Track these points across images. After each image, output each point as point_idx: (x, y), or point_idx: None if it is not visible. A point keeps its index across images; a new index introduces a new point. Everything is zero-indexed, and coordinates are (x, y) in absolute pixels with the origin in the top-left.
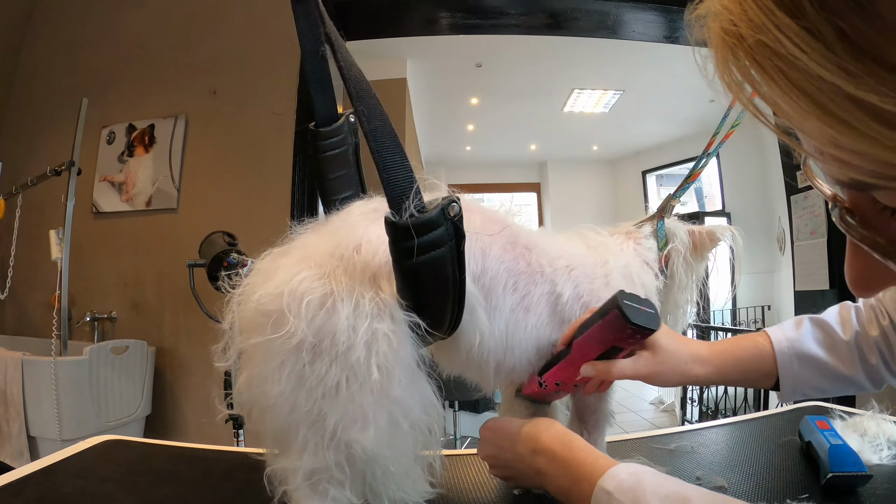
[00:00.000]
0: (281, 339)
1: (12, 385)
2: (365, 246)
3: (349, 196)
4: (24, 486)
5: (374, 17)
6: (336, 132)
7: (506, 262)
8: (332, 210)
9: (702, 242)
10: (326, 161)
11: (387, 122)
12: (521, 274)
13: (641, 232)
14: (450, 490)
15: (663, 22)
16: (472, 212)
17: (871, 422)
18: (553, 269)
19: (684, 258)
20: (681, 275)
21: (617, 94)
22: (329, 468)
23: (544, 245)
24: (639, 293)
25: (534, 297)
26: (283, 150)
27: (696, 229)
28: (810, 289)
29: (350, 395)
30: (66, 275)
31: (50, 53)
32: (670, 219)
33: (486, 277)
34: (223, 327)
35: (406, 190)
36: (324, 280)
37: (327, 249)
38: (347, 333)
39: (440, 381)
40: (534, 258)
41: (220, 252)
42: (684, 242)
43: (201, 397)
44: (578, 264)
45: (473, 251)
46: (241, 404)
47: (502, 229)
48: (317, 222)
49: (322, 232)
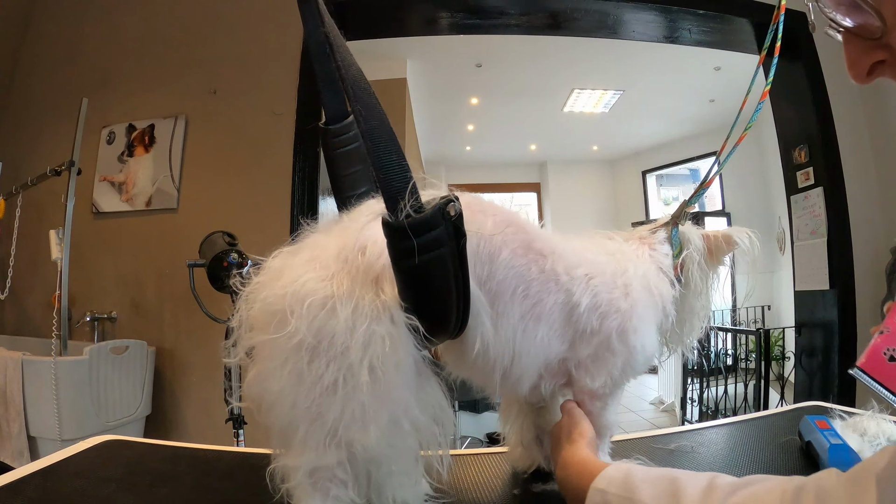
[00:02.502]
0: (283, 338)
1: (12, 385)
2: (370, 248)
3: (363, 192)
4: (24, 486)
5: (374, 17)
6: (346, 129)
7: (516, 267)
8: (347, 207)
9: (717, 247)
10: (338, 158)
11: (384, 121)
12: (533, 281)
13: (656, 238)
14: (450, 490)
15: (663, 22)
16: (486, 214)
17: (871, 422)
18: (570, 277)
19: (699, 264)
20: (696, 281)
21: (617, 94)
22: (331, 466)
23: (563, 252)
24: (656, 303)
25: (546, 306)
26: (283, 150)
27: (711, 234)
28: (810, 289)
29: (347, 395)
30: (66, 275)
31: (50, 53)
32: (684, 225)
33: (493, 282)
34: (232, 324)
35: (402, 190)
36: (327, 282)
37: (334, 251)
38: (345, 335)
39: (448, 382)
40: (548, 265)
41: (220, 252)
42: (699, 248)
43: (201, 397)
44: (598, 273)
45: (481, 254)
46: (251, 399)
47: (515, 232)
48: (329, 221)
49: (331, 232)
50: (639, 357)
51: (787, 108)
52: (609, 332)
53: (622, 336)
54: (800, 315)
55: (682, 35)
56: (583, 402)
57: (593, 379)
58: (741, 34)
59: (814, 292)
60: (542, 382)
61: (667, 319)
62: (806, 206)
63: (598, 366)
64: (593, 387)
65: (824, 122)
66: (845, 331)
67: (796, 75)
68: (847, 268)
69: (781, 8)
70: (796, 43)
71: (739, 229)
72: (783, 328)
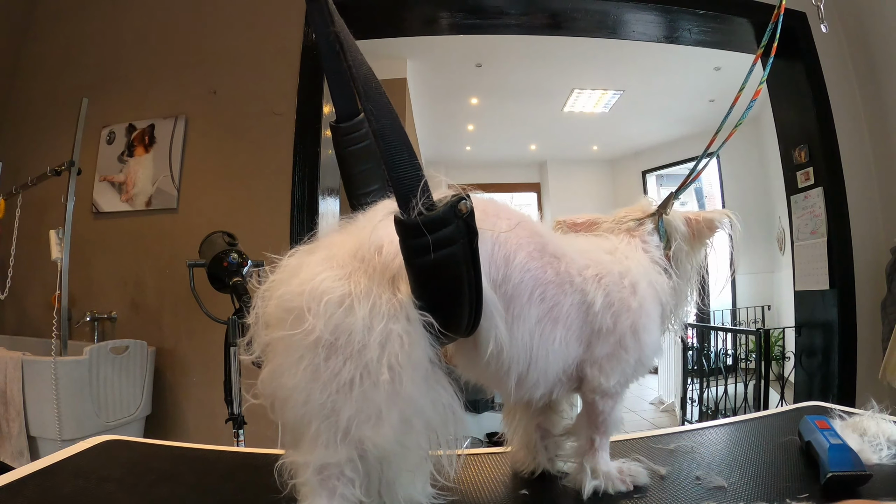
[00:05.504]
0: (300, 335)
1: (12, 385)
2: (386, 247)
3: (375, 190)
4: (24, 486)
5: (374, 17)
6: (358, 126)
7: (532, 270)
8: (359, 204)
9: (699, 230)
10: (350, 156)
11: (396, 120)
12: (550, 283)
13: (644, 229)
14: (451, 490)
15: (663, 22)
16: (500, 216)
17: (871, 421)
18: (583, 278)
19: (686, 252)
20: (685, 267)
21: (617, 94)
22: (340, 464)
23: (572, 253)
24: (658, 296)
25: (563, 308)
26: (283, 150)
27: (692, 217)
28: (810, 289)
29: (363, 393)
30: (66, 275)
31: (50, 53)
32: (669, 214)
33: (509, 285)
34: (248, 321)
35: (414, 188)
36: (344, 281)
37: (350, 250)
38: (363, 333)
39: (459, 382)
40: (563, 267)
41: (220, 252)
42: (684, 235)
43: (201, 397)
44: (607, 272)
45: (496, 258)
46: (264, 395)
47: (530, 235)
48: (344, 220)
49: (348, 231)
50: (650, 353)
51: (787, 108)
52: (623, 331)
53: (635, 333)
54: (800, 315)
55: (682, 35)
56: (594, 402)
57: (608, 378)
58: (741, 34)
59: (814, 292)
60: (556, 387)
61: (665, 311)
62: (806, 206)
63: (612, 364)
64: (608, 385)
65: (824, 122)
66: (845, 331)
67: (796, 75)
68: (847, 268)
69: (781, 7)
70: (796, 43)
71: (721, 211)
72: (783, 328)
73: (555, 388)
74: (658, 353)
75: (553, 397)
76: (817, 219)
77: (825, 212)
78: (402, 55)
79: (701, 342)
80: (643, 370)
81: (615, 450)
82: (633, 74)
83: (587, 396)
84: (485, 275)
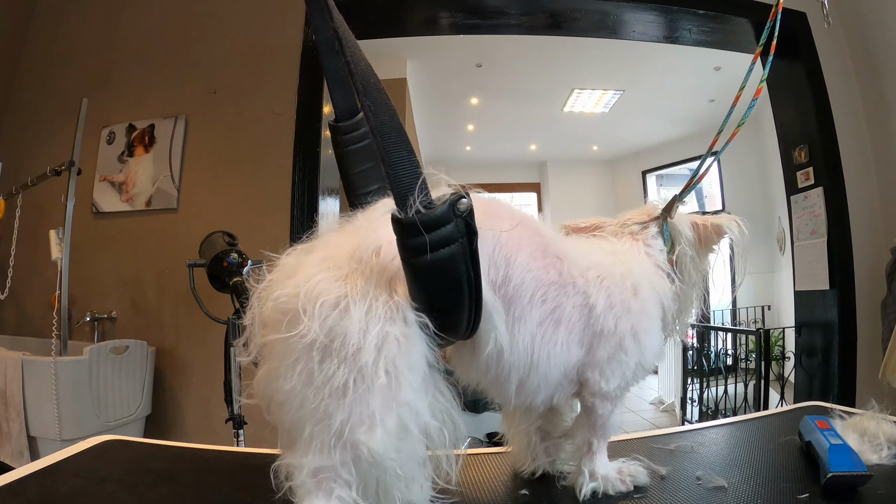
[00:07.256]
0: (295, 337)
1: (12, 385)
2: (385, 248)
3: (375, 190)
4: (24, 486)
5: (374, 17)
6: (357, 126)
7: (534, 271)
8: (359, 204)
9: (706, 236)
10: (349, 155)
11: (394, 116)
12: (552, 285)
13: (648, 233)
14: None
15: (663, 22)
16: (501, 216)
17: (871, 421)
18: (585, 279)
19: (691, 257)
20: (690, 273)
21: (617, 94)
22: (335, 467)
23: (574, 255)
24: (660, 299)
25: (565, 310)
26: (283, 150)
27: (700, 222)
28: (810, 289)
29: (357, 397)
30: (66, 275)
31: (50, 53)
32: (674, 217)
33: (510, 286)
34: (245, 322)
35: (411, 186)
36: (340, 282)
37: (348, 250)
38: (358, 336)
39: (456, 386)
40: (565, 269)
41: (220, 252)
42: (690, 240)
43: (201, 397)
44: (608, 274)
45: (497, 258)
46: (259, 397)
47: (531, 236)
48: (343, 220)
49: (346, 231)
50: (650, 356)
51: (787, 108)
52: (624, 333)
53: (636, 336)
54: (800, 315)
55: (682, 35)
56: (593, 405)
57: (608, 381)
58: (741, 34)
59: (814, 292)
60: (557, 392)
61: (667, 315)
62: (806, 206)
63: (613, 367)
64: (608, 389)
65: (824, 122)
66: (845, 331)
67: (796, 75)
68: (847, 268)
69: (779, 5)
70: (796, 43)
71: (729, 217)
72: (783, 328)
73: (556, 394)
74: (659, 356)
75: (554, 402)
76: (817, 219)
77: (825, 212)
78: (402, 55)
79: (701, 342)
80: (643, 373)
81: (615, 450)
82: (633, 74)
83: (586, 400)
84: (485, 275)
